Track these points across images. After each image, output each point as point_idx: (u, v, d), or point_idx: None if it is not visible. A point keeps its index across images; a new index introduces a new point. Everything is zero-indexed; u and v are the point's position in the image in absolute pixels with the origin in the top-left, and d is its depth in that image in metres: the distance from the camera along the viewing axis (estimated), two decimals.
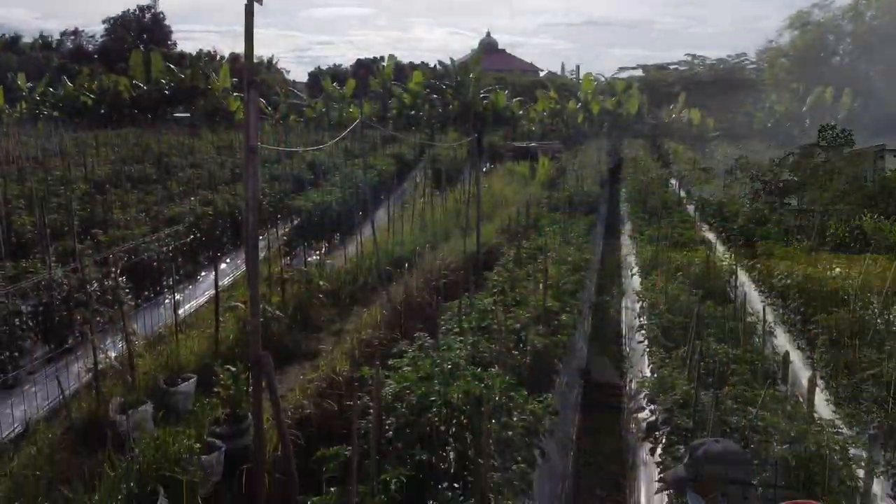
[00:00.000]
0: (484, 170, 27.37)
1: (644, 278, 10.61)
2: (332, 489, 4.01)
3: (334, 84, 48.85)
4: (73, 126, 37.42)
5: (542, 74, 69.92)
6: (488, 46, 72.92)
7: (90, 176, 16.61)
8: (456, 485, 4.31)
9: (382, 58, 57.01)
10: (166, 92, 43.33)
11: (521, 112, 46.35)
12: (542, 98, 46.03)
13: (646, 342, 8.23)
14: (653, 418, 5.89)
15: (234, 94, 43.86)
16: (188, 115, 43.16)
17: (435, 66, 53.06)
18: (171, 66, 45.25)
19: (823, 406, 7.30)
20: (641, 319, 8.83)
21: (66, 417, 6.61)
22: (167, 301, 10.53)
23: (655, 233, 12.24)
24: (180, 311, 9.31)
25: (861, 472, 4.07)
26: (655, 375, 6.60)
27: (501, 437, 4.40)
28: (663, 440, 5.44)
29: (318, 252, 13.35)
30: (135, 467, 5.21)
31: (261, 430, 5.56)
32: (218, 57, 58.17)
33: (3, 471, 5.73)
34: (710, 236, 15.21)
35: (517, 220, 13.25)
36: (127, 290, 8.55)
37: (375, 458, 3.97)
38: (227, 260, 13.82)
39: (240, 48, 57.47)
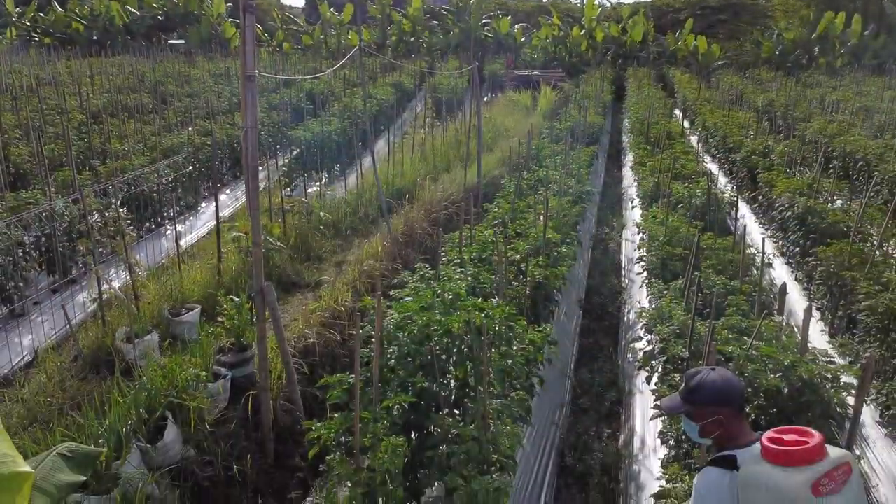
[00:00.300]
0: (485, 99, 26.94)
1: (645, 210, 10.60)
2: (335, 415, 4.11)
3: (332, 10, 47.52)
4: (67, 54, 36.59)
5: (545, 0, 67.91)
6: None
7: (86, 105, 16.37)
8: (456, 411, 4.43)
9: None
10: (160, 17, 42.20)
11: (523, 39, 45.23)
12: (545, 25, 44.84)
13: (644, 274, 8.30)
14: (650, 348, 6.00)
15: (230, 19, 42.73)
16: (182, 41, 42.16)
17: None
18: None
19: (818, 337, 7.43)
20: (641, 251, 8.87)
21: (74, 346, 6.73)
22: (168, 232, 10.56)
23: (657, 164, 12.14)
24: (182, 243, 9.35)
25: (851, 400, 4.17)
26: (653, 306, 6.68)
27: (501, 366, 4.49)
28: (659, 369, 5.56)
29: (317, 183, 13.29)
30: (143, 394, 5.35)
31: (265, 358, 5.68)
32: None
33: (15, 397, 5.88)
34: (713, 168, 15.11)
35: (518, 152, 13.12)
36: (128, 221, 8.56)
37: (377, 385, 4.07)
38: (227, 191, 13.79)
39: None
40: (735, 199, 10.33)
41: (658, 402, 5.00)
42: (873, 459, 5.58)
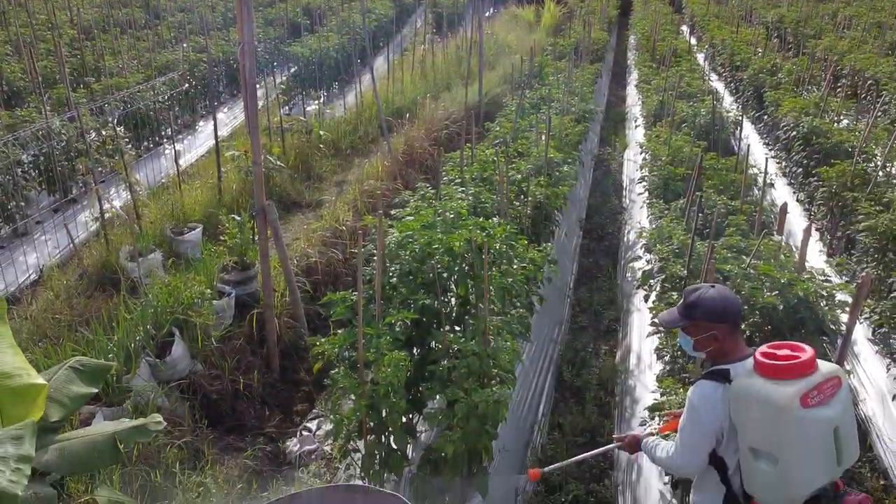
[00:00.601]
0: (487, 15, 26.11)
1: (648, 130, 10.47)
2: (339, 331, 4.20)
3: None
4: None
5: None
6: None
7: (77, 20, 15.90)
8: (457, 327, 4.52)
9: None
10: None
11: None
12: None
13: (646, 194, 8.28)
14: (648, 267, 6.06)
15: None
16: None
17: None
18: None
19: (817, 256, 7.49)
20: (643, 171, 8.82)
21: (78, 265, 6.80)
22: (167, 151, 10.48)
23: (662, 82, 11.91)
24: (181, 162, 9.29)
25: (845, 318, 4.25)
26: (654, 226, 6.70)
27: (502, 284, 4.55)
28: (657, 288, 5.63)
29: (316, 101, 13.06)
30: (150, 311, 5.44)
31: (268, 276, 5.75)
32: None
33: (24, 314, 5.99)
34: (719, 87, 14.82)
35: (520, 69, 12.83)
36: (126, 140, 8.47)
37: (380, 302, 4.13)
38: (224, 109, 13.57)
39: None
40: (740, 118, 10.19)
41: (656, 317, 5.09)
42: (863, 375, 5.73)
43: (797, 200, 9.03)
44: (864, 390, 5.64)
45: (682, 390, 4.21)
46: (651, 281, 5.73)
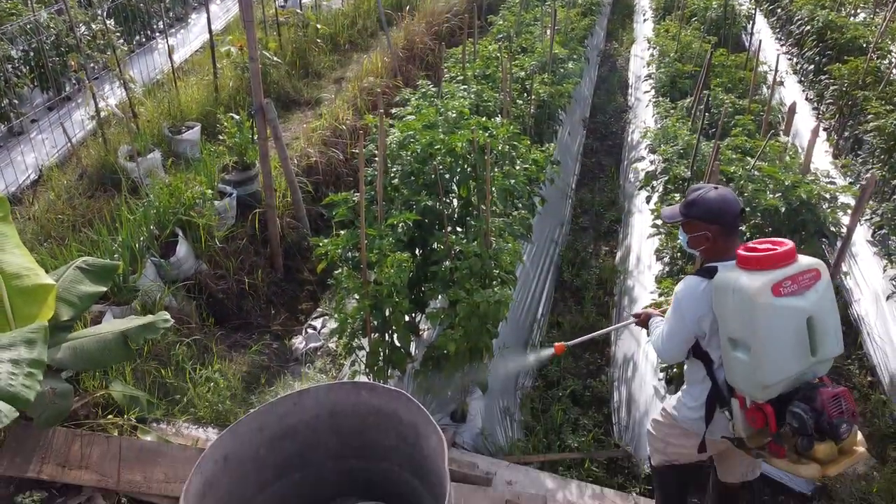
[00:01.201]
0: None
1: (657, 23, 10.11)
2: (341, 232, 4.22)
3: None
4: None
5: None
6: None
7: None
8: (459, 228, 4.54)
9: None
10: None
11: None
12: None
13: (652, 92, 8.10)
14: (652, 168, 6.00)
15: None
16: None
17: None
18: None
19: (823, 157, 7.41)
20: (650, 68, 8.58)
21: (78, 164, 6.75)
22: (160, 46, 10.14)
23: None
24: (175, 58, 9.02)
25: (847, 220, 4.25)
26: (659, 126, 6.59)
27: (504, 185, 4.53)
28: (660, 189, 5.60)
29: None
30: (152, 211, 5.45)
31: (269, 175, 5.71)
32: None
33: (27, 214, 6.00)
34: None
35: None
36: (117, 35, 8.18)
37: (382, 203, 4.13)
38: (217, 1, 13.05)
39: None
40: (753, 11, 9.81)
41: (658, 217, 5.12)
42: (859, 275, 5.81)
43: (807, 99, 8.84)
44: (858, 290, 5.72)
45: None
46: (654, 182, 5.70)
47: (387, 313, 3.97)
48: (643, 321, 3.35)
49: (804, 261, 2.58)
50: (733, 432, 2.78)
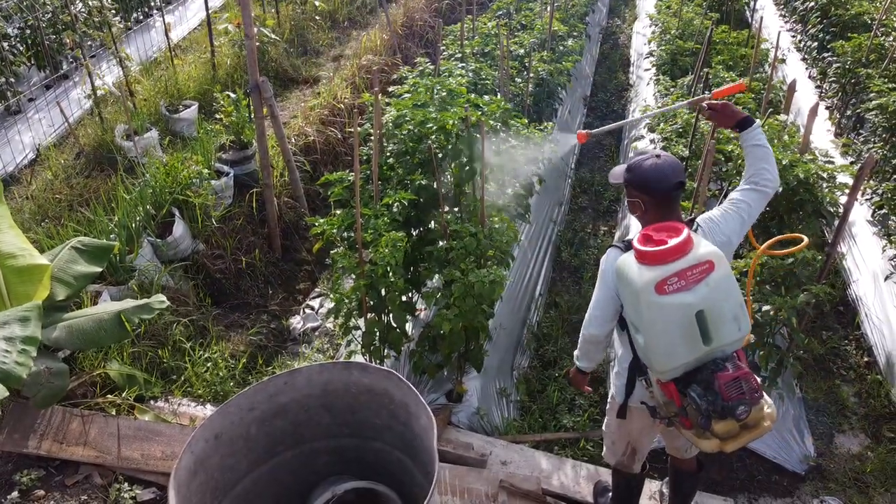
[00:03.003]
0: None
1: (659, 0, 9.99)
2: (338, 212, 4.21)
3: None
4: None
5: None
6: None
7: None
8: (456, 209, 4.52)
9: None
10: None
11: None
12: None
13: (653, 70, 8.03)
14: (651, 146, 5.97)
15: None
16: None
17: None
18: None
19: (823, 136, 7.35)
20: (651, 45, 8.49)
21: (75, 144, 6.73)
22: (157, 24, 10.07)
23: None
24: (172, 35, 8.95)
25: (844, 199, 4.22)
26: (659, 104, 6.54)
27: (499, 164, 4.50)
28: None
29: None
30: (149, 190, 5.44)
31: (266, 154, 5.68)
32: None
33: (24, 194, 5.99)
34: None
35: None
36: (113, 12, 8.10)
37: (377, 182, 4.11)
38: None
39: None
40: None
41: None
42: (857, 256, 5.78)
43: (809, 77, 8.75)
44: (857, 271, 5.70)
45: None
46: None
47: (383, 293, 3.97)
48: None
49: (700, 251, 2.49)
50: (652, 401, 2.80)
